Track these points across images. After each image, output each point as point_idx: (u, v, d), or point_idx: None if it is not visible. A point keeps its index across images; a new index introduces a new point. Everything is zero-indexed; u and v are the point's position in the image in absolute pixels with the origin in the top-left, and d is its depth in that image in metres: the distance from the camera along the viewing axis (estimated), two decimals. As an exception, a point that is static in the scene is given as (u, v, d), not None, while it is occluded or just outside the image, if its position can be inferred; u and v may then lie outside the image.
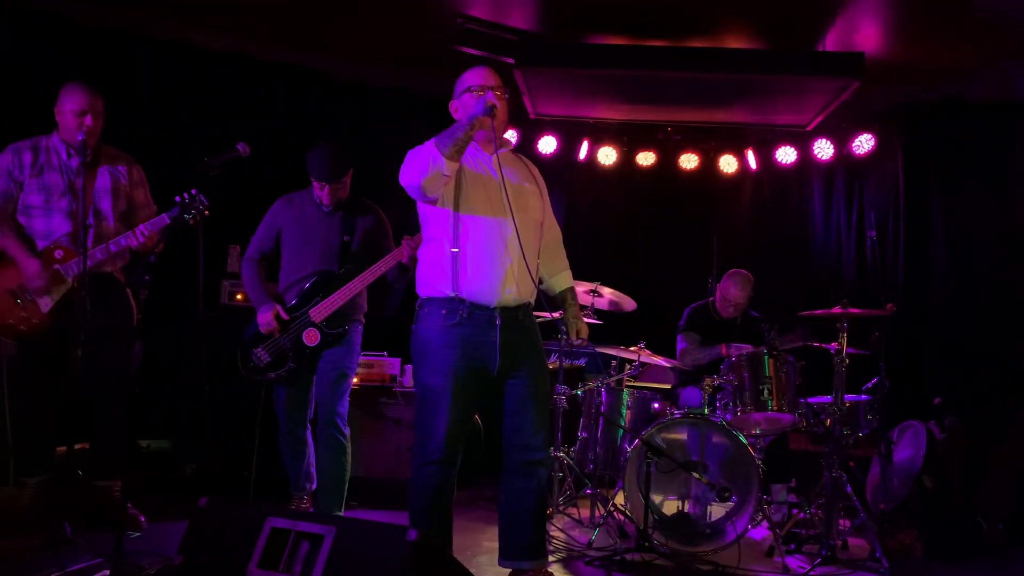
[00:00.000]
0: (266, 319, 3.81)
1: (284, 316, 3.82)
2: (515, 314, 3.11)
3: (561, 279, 3.42)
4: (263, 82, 5.76)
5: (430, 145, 2.91)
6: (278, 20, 5.24)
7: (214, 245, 5.06)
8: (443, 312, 3.03)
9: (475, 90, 3.07)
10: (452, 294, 3.02)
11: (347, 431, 3.92)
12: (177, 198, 3.52)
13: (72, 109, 3.64)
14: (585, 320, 4.66)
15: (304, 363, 3.85)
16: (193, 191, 3.51)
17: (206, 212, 3.50)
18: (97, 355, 3.54)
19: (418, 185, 2.92)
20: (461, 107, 3.12)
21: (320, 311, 3.81)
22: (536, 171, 3.31)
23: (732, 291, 4.91)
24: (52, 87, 3.77)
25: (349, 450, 3.92)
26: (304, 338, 3.82)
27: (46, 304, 3.63)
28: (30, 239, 3.66)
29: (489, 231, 3.03)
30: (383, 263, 3.82)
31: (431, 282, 3.07)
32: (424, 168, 2.89)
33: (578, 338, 3.35)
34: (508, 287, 3.05)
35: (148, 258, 3.19)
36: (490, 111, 2.91)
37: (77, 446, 3.81)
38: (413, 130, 5.87)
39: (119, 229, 3.72)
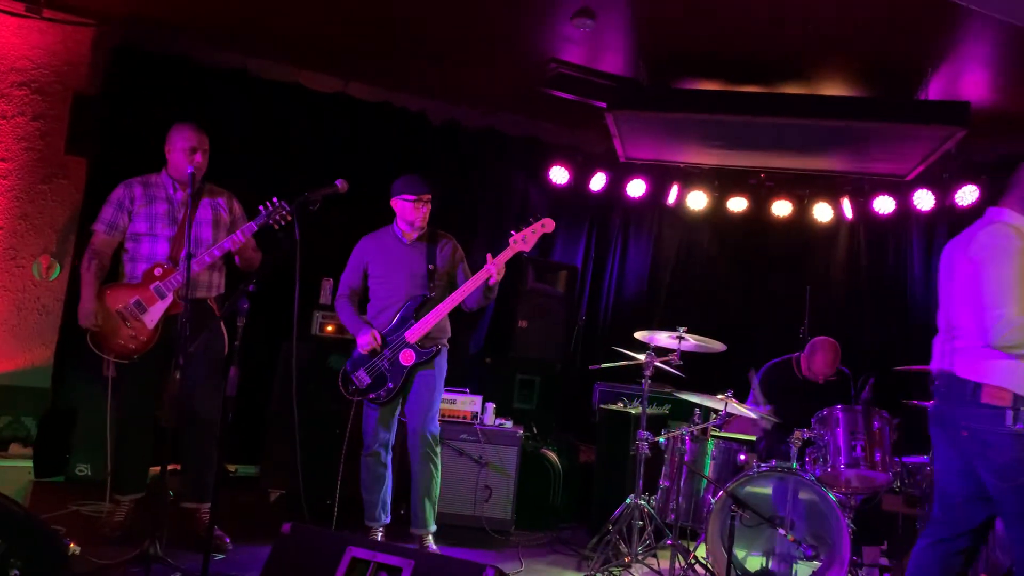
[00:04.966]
0: (366, 340, 4.02)
1: (378, 339, 4.03)
2: None
3: None
4: (362, 122, 5.94)
5: None
6: (378, 63, 5.43)
7: (308, 278, 5.22)
8: None
9: None
10: None
11: (439, 449, 4.13)
12: (260, 207, 3.82)
13: (183, 147, 3.94)
14: (670, 368, 4.61)
15: (401, 382, 4.03)
16: (275, 199, 3.81)
17: (288, 217, 3.78)
18: (190, 381, 3.69)
19: None
20: None
21: (415, 332, 4.02)
22: None
23: (818, 365, 4.87)
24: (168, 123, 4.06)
25: (440, 467, 4.15)
26: (400, 358, 4.02)
27: (151, 320, 3.82)
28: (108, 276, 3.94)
29: None
30: (472, 282, 4.01)
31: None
32: None
33: None
34: None
35: (248, 287, 3.31)
36: None
37: (170, 467, 3.95)
38: (503, 169, 5.97)
39: (217, 258, 3.91)
